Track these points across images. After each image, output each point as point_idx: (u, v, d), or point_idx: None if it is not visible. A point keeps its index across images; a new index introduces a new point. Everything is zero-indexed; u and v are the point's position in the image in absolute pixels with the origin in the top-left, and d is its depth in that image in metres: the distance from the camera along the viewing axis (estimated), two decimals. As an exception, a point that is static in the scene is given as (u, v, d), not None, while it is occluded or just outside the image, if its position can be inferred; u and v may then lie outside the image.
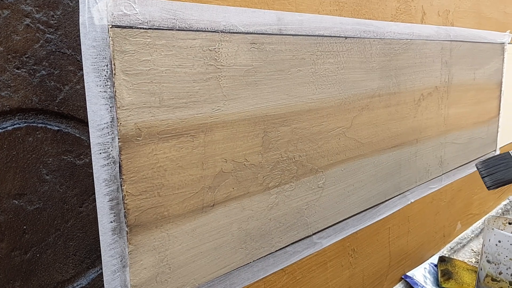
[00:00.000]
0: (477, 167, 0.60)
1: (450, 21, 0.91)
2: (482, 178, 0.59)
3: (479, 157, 1.12)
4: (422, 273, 0.91)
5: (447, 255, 1.03)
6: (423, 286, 0.85)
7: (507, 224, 0.80)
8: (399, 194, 0.82)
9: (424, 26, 0.81)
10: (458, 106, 0.97)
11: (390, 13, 0.72)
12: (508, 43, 1.15)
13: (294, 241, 0.60)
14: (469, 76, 0.99)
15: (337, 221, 0.67)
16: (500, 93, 1.17)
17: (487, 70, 1.07)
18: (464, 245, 1.13)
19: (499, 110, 1.18)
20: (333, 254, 0.68)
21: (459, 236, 1.13)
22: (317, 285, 0.66)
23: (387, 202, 0.78)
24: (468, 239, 1.15)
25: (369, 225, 0.74)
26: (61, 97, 0.36)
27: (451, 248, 1.07)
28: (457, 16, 0.93)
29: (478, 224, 1.21)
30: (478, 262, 1.07)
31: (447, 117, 0.93)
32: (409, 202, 0.85)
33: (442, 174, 0.96)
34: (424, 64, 0.82)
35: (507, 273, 0.71)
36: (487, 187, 0.58)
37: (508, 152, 0.58)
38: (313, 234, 0.63)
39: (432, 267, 0.94)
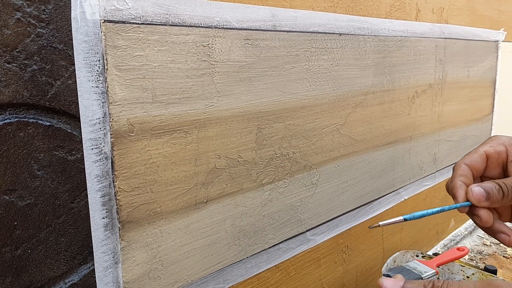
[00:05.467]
0: (389, 276, 0.66)
1: (445, 19, 0.91)
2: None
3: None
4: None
5: (440, 252, 1.03)
6: None
7: (415, 256, 0.77)
8: (393, 191, 0.82)
9: (418, 23, 0.81)
10: (452, 103, 0.97)
11: (384, 10, 0.72)
12: (502, 41, 1.16)
13: (288, 237, 0.60)
14: (463, 73, 1.00)
15: (331, 218, 0.67)
16: (494, 91, 1.18)
17: (481, 67, 1.08)
18: (457, 242, 1.13)
19: (493, 107, 1.19)
20: (326, 250, 0.68)
21: (453, 233, 1.13)
22: (311, 281, 0.66)
23: (380, 199, 0.78)
24: (462, 236, 1.15)
25: (363, 222, 0.75)
26: (52, 92, 0.36)
27: (445, 245, 1.08)
28: (451, 13, 0.93)
29: (471, 221, 1.22)
30: (471, 259, 1.07)
31: (441, 114, 0.93)
32: (403, 199, 0.86)
33: (436, 171, 0.96)
34: (418, 61, 0.82)
35: None
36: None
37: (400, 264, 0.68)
38: (307, 230, 0.63)
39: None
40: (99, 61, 0.37)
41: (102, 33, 0.37)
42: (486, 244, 1.17)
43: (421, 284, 0.35)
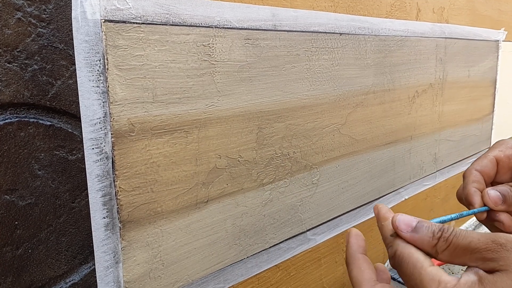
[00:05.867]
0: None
1: (445, 18, 0.91)
2: (397, 280, 0.64)
3: (473, 155, 1.12)
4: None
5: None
6: None
7: None
8: (393, 191, 0.82)
9: (419, 23, 0.81)
10: (453, 103, 0.97)
11: (385, 10, 0.72)
12: (503, 41, 1.16)
13: (288, 237, 0.60)
14: (464, 73, 0.99)
15: (331, 217, 0.67)
16: (495, 91, 1.18)
17: (482, 67, 1.08)
18: (457, 242, 1.13)
19: (493, 107, 1.19)
20: (327, 250, 0.68)
21: (453, 233, 1.13)
22: (311, 281, 0.66)
23: (381, 198, 0.78)
24: (462, 235, 1.15)
25: (363, 221, 0.75)
26: (53, 91, 0.36)
27: (445, 245, 1.08)
28: (452, 13, 0.93)
29: (471, 221, 1.22)
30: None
31: (442, 114, 0.93)
32: (403, 199, 0.86)
33: (436, 171, 0.96)
34: (418, 61, 0.82)
35: None
36: None
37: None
38: (307, 230, 0.63)
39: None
40: (99, 60, 0.37)
41: (103, 32, 0.37)
42: (486, 244, 1.16)
43: (431, 232, 0.34)
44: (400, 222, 0.35)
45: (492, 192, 0.43)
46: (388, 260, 0.75)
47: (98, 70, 0.37)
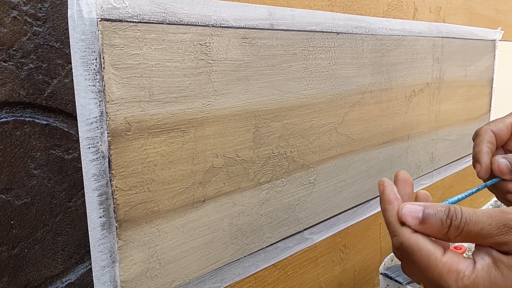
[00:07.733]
0: (386, 275, 0.65)
1: (442, 18, 0.91)
2: (394, 279, 0.64)
3: (470, 154, 1.12)
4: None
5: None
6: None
7: None
8: (390, 190, 0.82)
9: (416, 22, 0.81)
10: (450, 102, 0.97)
11: (382, 9, 0.72)
12: (499, 40, 1.16)
13: (285, 236, 0.60)
14: (461, 72, 1.00)
15: (328, 216, 0.67)
16: (491, 90, 1.18)
17: (479, 66, 1.08)
18: (454, 241, 1.13)
19: (490, 106, 1.19)
20: (324, 249, 0.68)
21: (450, 232, 1.13)
22: (308, 280, 0.66)
23: (378, 198, 0.78)
24: (459, 234, 1.15)
25: (360, 220, 0.75)
26: (49, 90, 0.35)
27: (442, 244, 1.08)
28: (448, 12, 0.93)
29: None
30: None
31: (439, 113, 0.93)
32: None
33: (433, 170, 0.96)
34: (415, 60, 0.82)
35: None
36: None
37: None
38: (304, 229, 0.63)
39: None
40: (96, 59, 0.37)
41: (99, 31, 0.37)
42: (483, 243, 1.17)
43: (439, 220, 0.32)
44: (406, 216, 0.33)
45: (502, 161, 0.42)
46: (383, 263, 0.75)
47: (94, 69, 0.37)
